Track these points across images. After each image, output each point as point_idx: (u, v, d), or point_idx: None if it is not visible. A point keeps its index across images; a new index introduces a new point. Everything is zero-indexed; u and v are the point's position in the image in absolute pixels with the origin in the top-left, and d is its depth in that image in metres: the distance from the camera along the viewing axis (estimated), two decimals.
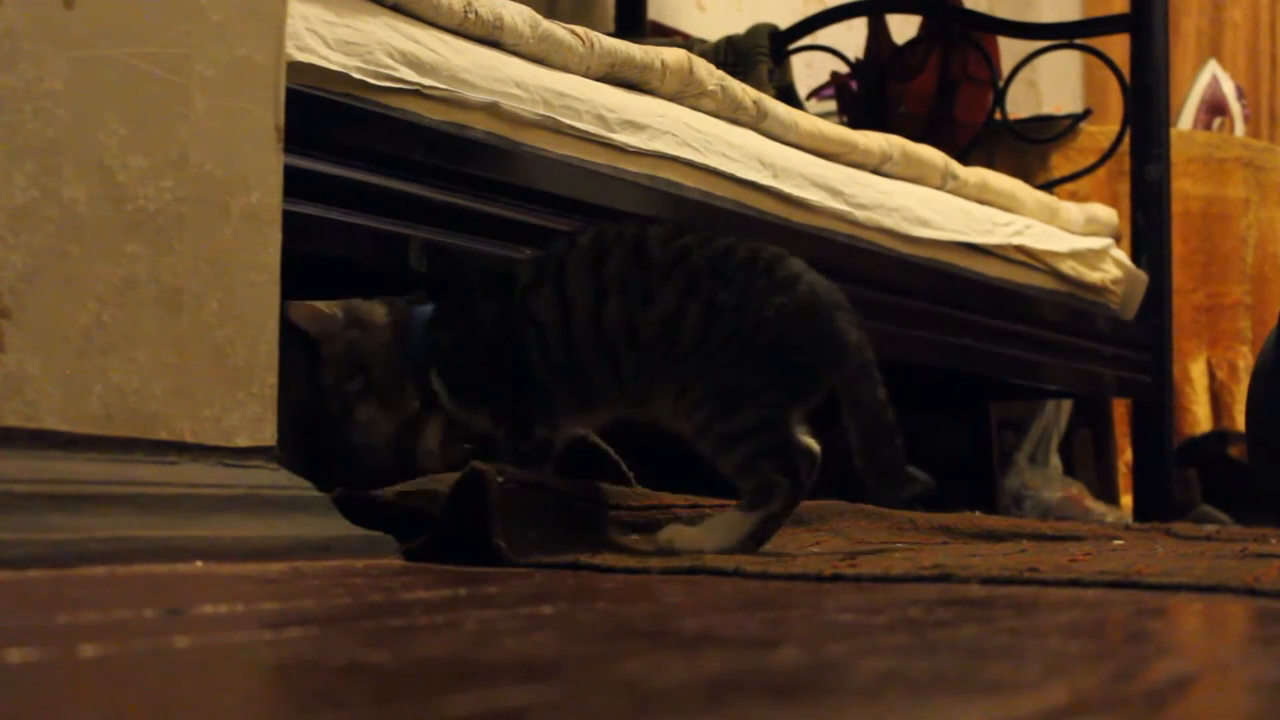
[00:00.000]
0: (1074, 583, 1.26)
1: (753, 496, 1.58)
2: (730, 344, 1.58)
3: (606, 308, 1.60)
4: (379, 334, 1.67)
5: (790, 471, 1.59)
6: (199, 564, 1.26)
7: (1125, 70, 3.37)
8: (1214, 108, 4.55)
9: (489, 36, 2.03)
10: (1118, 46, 3.45)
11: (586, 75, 2.18)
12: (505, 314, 1.64)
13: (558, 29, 2.13)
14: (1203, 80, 4.59)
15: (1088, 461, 3.89)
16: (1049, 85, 5.40)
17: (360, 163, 1.82)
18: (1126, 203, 3.43)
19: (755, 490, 1.58)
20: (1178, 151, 3.58)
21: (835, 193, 2.56)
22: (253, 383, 1.41)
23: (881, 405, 1.62)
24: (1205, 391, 3.90)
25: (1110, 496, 3.79)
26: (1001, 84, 3.61)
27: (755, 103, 2.47)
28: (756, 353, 1.59)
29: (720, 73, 2.44)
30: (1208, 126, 4.50)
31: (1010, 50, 3.76)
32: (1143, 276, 3.29)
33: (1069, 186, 3.62)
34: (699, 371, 1.59)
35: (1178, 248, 3.59)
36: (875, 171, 2.75)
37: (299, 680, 0.70)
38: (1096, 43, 3.55)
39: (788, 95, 3.61)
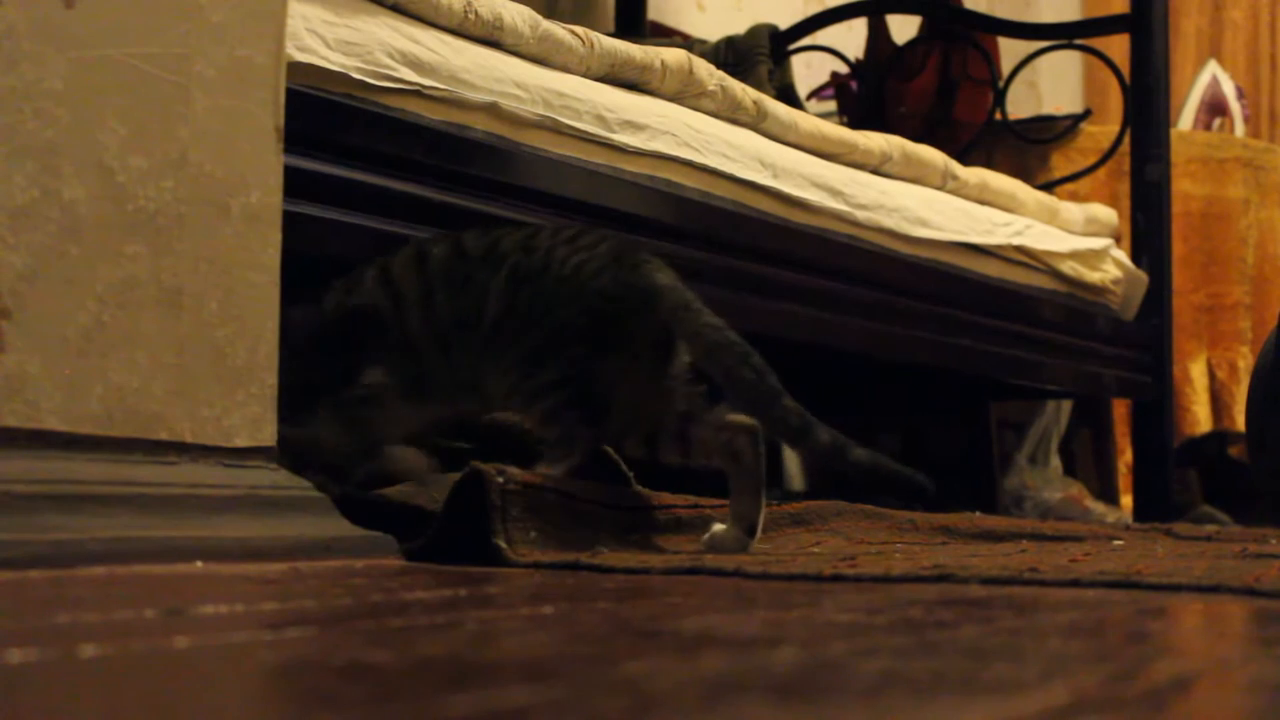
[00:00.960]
0: (1074, 583, 1.25)
1: (553, 450, 1.59)
2: (533, 308, 1.62)
3: (435, 301, 1.65)
4: None
5: (593, 422, 1.60)
6: (199, 564, 1.26)
7: (1125, 70, 3.37)
8: (1214, 108, 4.55)
9: (489, 36, 2.03)
10: (1118, 46, 3.45)
11: (586, 75, 2.18)
12: (322, 321, 1.67)
13: (558, 29, 2.13)
14: (1203, 80, 4.59)
15: (1088, 462, 3.89)
16: (1049, 85, 5.40)
17: (360, 163, 1.82)
18: (1126, 203, 3.43)
19: (558, 442, 1.59)
20: (1178, 152, 3.58)
21: (835, 193, 2.56)
22: (252, 383, 1.41)
23: (714, 328, 1.60)
24: (1205, 391, 3.90)
25: (1110, 497, 3.78)
26: (1001, 84, 3.61)
27: (755, 103, 2.47)
28: (559, 311, 1.61)
29: (720, 73, 2.44)
30: (1208, 127, 4.50)
31: (1010, 50, 3.76)
32: (1143, 277, 3.29)
33: (1069, 186, 3.62)
34: (511, 341, 1.62)
35: (1178, 248, 3.59)
36: (875, 172, 2.75)
37: (299, 680, 0.70)
38: (1096, 43, 3.55)
39: (788, 95, 3.61)
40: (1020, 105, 4.33)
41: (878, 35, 3.92)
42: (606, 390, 1.62)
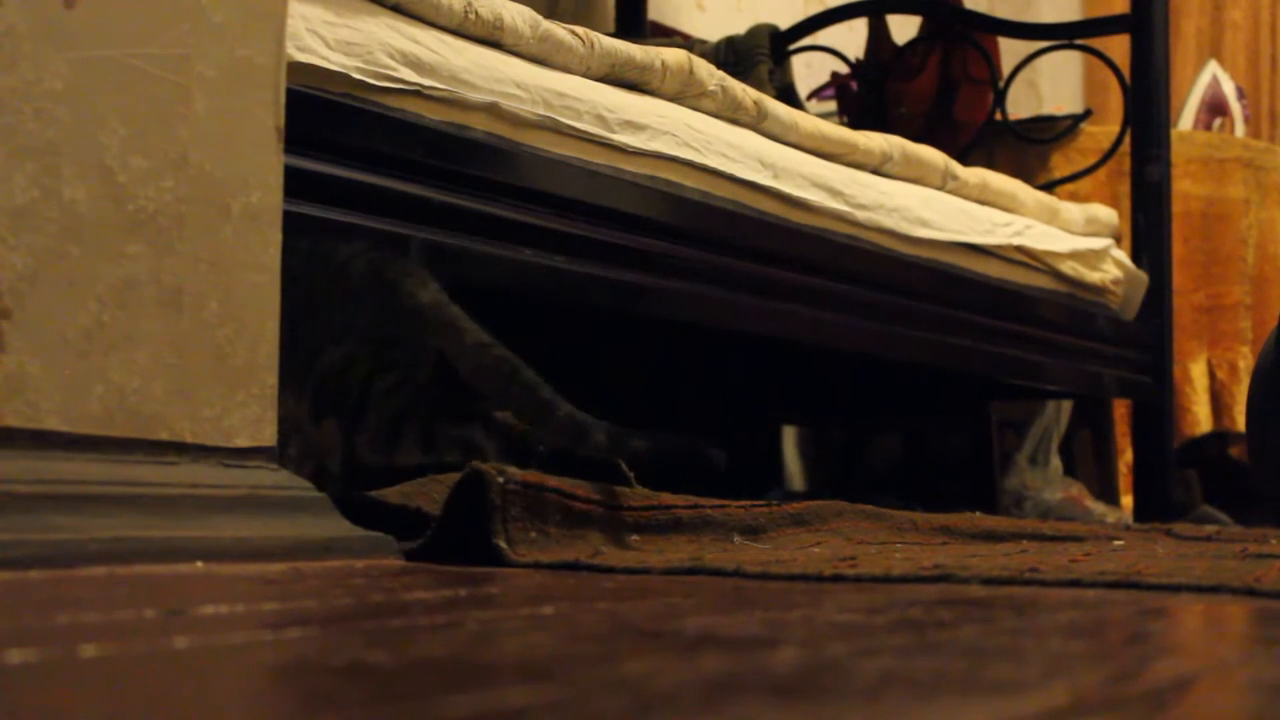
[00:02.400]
0: (1074, 583, 1.25)
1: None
2: (314, 345, 1.60)
3: None
4: None
5: (489, 425, 1.59)
6: (199, 564, 1.26)
7: (1125, 70, 3.37)
8: (1214, 108, 4.55)
9: (489, 37, 2.03)
10: (1118, 46, 3.45)
11: (586, 75, 2.18)
12: None
13: (558, 29, 2.13)
14: (1203, 81, 4.59)
15: (1088, 462, 3.89)
16: (1049, 85, 5.40)
17: (360, 163, 1.82)
18: (1126, 203, 3.43)
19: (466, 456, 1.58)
20: (1178, 152, 3.58)
21: (835, 193, 2.56)
22: (253, 383, 1.41)
23: (481, 346, 1.59)
24: (1205, 392, 3.90)
25: (1110, 497, 3.78)
26: (1001, 84, 3.61)
27: (755, 103, 2.47)
28: (341, 347, 1.61)
29: (720, 73, 2.44)
30: (1208, 127, 4.50)
31: (1010, 50, 3.76)
32: (1143, 277, 3.29)
33: (1069, 187, 3.62)
34: (310, 382, 1.61)
35: (1178, 248, 3.59)
36: (875, 172, 2.75)
37: (299, 680, 0.70)
38: (1096, 43, 3.55)
39: (788, 95, 3.61)
40: (1020, 105, 4.33)
41: (878, 35, 3.92)
42: (446, 404, 1.62)
